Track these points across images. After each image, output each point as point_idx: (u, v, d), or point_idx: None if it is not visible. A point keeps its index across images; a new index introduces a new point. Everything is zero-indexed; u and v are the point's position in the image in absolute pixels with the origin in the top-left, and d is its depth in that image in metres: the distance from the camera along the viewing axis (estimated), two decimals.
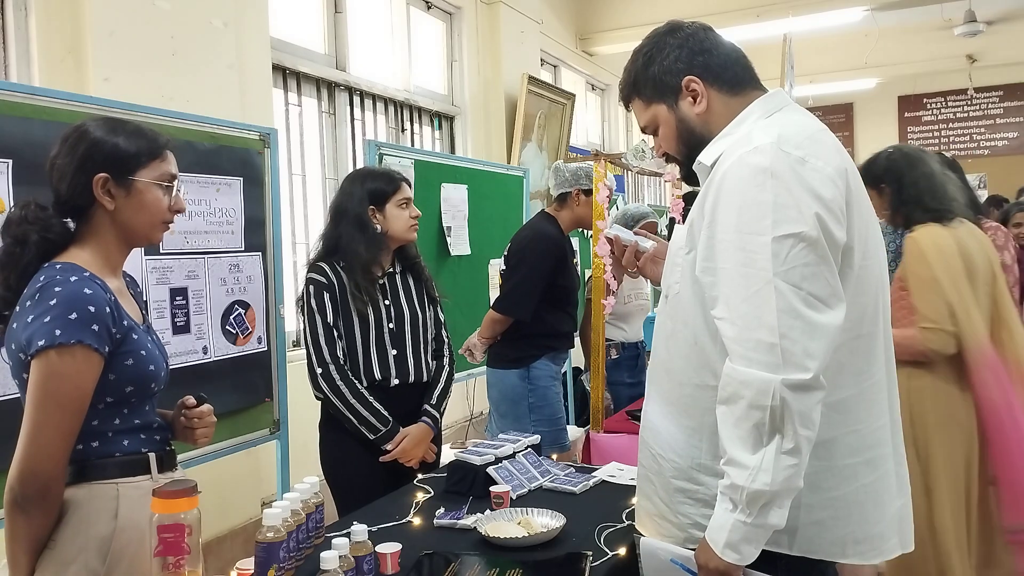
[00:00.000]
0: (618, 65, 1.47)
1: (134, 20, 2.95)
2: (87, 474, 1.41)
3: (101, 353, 1.38)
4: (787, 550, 1.31)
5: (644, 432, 1.50)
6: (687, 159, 1.47)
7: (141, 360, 1.46)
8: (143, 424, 1.50)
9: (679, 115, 1.44)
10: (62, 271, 1.40)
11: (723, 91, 1.42)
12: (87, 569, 1.37)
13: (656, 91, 1.45)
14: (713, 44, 1.43)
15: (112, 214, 1.47)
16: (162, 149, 1.52)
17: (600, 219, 3.06)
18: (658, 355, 1.48)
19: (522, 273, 3.02)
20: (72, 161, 1.45)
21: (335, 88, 4.36)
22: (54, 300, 1.35)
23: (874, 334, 1.36)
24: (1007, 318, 2.41)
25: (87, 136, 1.46)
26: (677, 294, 1.41)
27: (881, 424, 1.37)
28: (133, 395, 1.46)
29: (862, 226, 1.32)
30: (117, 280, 1.52)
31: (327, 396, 2.28)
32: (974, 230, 2.45)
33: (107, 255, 1.49)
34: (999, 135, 10.68)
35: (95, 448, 1.43)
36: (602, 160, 3.01)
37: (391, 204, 2.35)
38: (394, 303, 2.37)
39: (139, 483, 1.44)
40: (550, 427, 3.04)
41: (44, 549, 1.38)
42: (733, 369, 1.24)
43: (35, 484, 1.33)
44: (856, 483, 1.33)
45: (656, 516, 1.45)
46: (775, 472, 1.18)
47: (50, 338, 1.33)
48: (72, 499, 1.40)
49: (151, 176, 1.49)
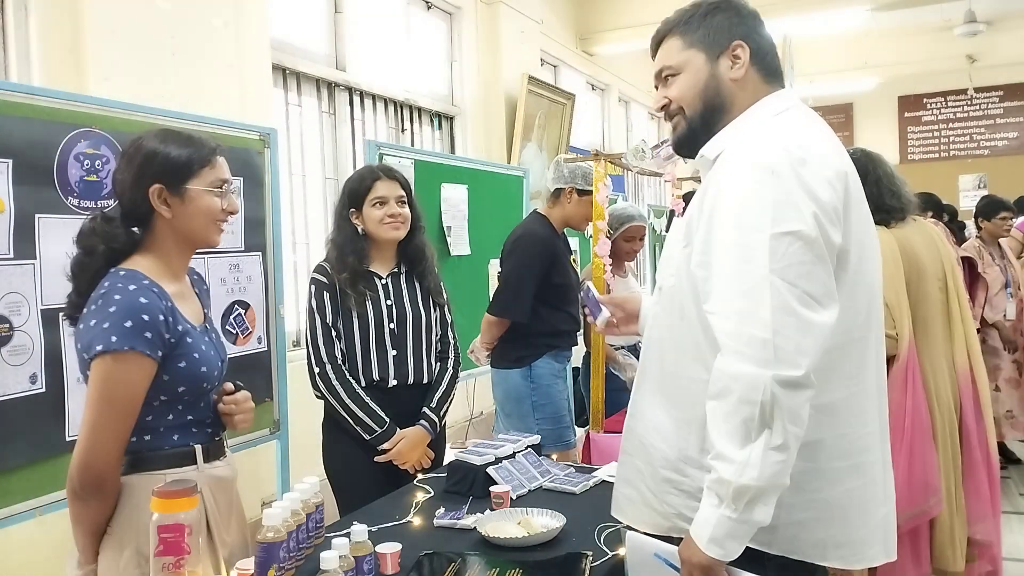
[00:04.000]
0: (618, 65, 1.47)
1: (134, 20, 2.95)
2: (139, 465, 1.52)
3: (154, 358, 1.47)
4: (767, 548, 1.31)
5: (631, 420, 1.50)
6: (697, 117, 1.44)
7: (194, 363, 1.54)
8: (195, 420, 1.59)
9: (714, 71, 1.43)
10: (124, 279, 1.49)
11: (760, 73, 1.43)
12: (139, 553, 1.46)
13: (704, 39, 1.43)
14: (765, 32, 1.46)
15: (170, 222, 1.56)
16: (212, 155, 1.59)
17: (600, 219, 3.07)
18: (651, 346, 1.49)
19: (512, 274, 3.02)
20: (130, 174, 1.54)
21: (335, 88, 4.36)
22: (113, 307, 1.45)
23: (866, 339, 1.36)
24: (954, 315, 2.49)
25: (141, 149, 1.55)
26: (672, 287, 1.41)
27: (870, 431, 1.37)
28: (186, 394, 1.55)
29: (859, 230, 1.32)
30: (178, 283, 1.61)
31: (324, 395, 2.28)
32: (925, 227, 2.51)
33: (168, 260, 1.58)
34: (999, 135, 10.69)
35: (148, 442, 1.53)
36: (602, 160, 3.01)
37: (367, 204, 2.33)
38: (396, 304, 2.36)
39: (186, 473, 1.53)
40: (554, 425, 3.05)
41: (103, 534, 1.50)
42: (725, 363, 1.24)
43: (90, 476, 1.44)
44: (841, 487, 1.33)
45: (640, 504, 1.45)
46: (762, 468, 1.18)
47: (107, 344, 1.43)
48: (127, 488, 1.50)
49: (203, 183, 1.57)
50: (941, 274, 2.48)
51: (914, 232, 2.48)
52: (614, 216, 3.50)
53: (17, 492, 2.01)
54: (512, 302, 3.00)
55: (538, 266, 3.00)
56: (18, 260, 2.00)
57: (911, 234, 2.47)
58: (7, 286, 1.98)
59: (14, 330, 2.00)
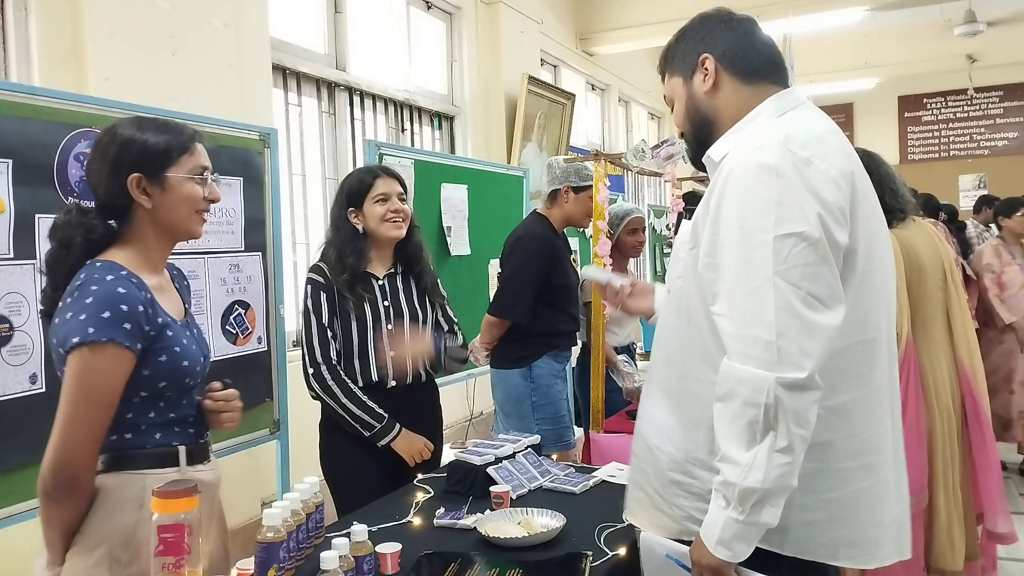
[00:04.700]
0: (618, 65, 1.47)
1: (134, 20, 2.95)
2: (118, 464, 1.46)
3: (133, 350, 1.41)
4: (778, 549, 1.31)
5: (641, 423, 1.50)
6: (693, 139, 1.50)
7: (175, 357, 1.49)
8: (178, 418, 1.54)
9: (690, 91, 1.47)
10: (100, 270, 1.44)
11: (736, 77, 1.43)
12: (111, 556, 1.42)
13: (679, 64, 1.49)
14: (744, 32, 1.45)
15: (150, 212, 1.50)
16: (191, 142, 1.54)
17: (600, 219, 3.06)
18: (659, 348, 1.49)
19: (512, 275, 3.03)
20: (105, 165, 1.48)
21: (335, 88, 4.36)
22: (90, 298, 1.39)
23: (877, 339, 1.36)
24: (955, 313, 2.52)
25: (116, 137, 1.49)
26: (679, 288, 1.42)
27: (882, 430, 1.36)
28: (168, 390, 1.50)
29: (867, 230, 1.32)
30: (158, 276, 1.56)
31: (320, 396, 2.28)
32: (924, 227, 2.54)
33: (148, 253, 1.53)
34: (999, 135, 10.68)
35: (128, 440, 1.47)
36: (602, 160, 3.01)
37: (368, 201, 2.32)
38: (394, 304, 2.36)
39: (167, 475, 1.48)
40: (554, 425, 3.05)
41: (75, 534, 1.43)
42: (730, 366, 1.24)
43: (64, 475, 1.38)
44: (851, 487, 1.33)
45: (650, 507, 1.45)
46: (767, 470, 1.19)
47: (84, 335, 1.37)
48: (103, 487, 1.44)
49: (183, 170, 1.52)
50: (941, 274, 2.50)
51: (915, 232, 2.50)
52: (613, 214, 3.51)
53: (17, 492, 2.01)
54: (512, 303, 3.00)
55: (538, 267, 3.00)
56: (18, 260, 2.00)
57: (912, 234, 2.48)
58: (7, 286, 1.98)
59: (14, 330, 2.00)
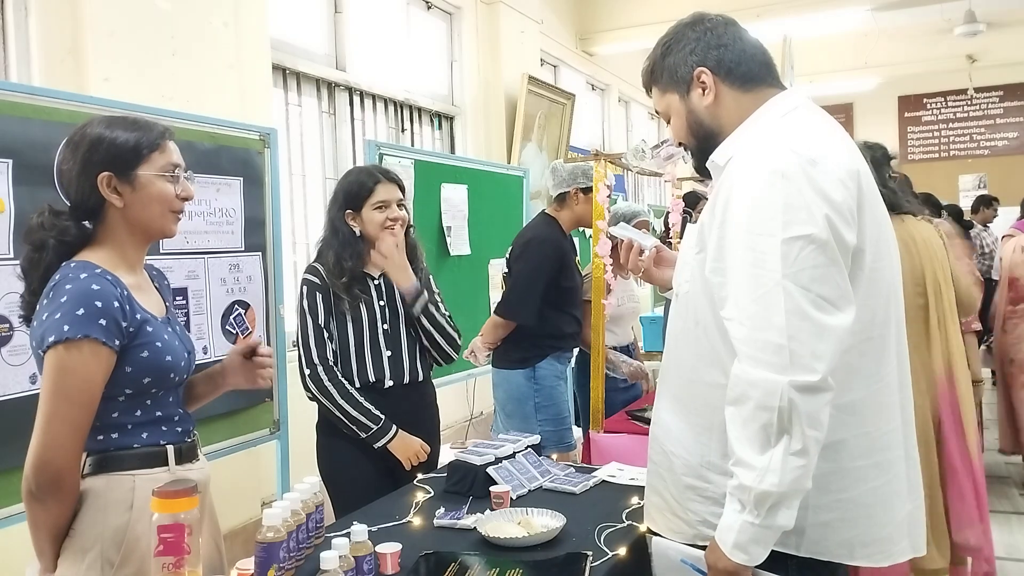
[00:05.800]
0: (618, 65, 1.47)
1: (134, 20, 2.95)
2: (106, 465, 1.45)
3: (110, 346, 1.40)
4: (794, 551, 1.31)
5: (655, 428, 1.50)
6: (697, 150, 1.49)
7: (157, 352, 1.48)
8: (164, 416, 1.53)
9: (689, 106, 1.46)
10: (75, 269, 1.43)
11: (734, 86, 1.42)
12: (103, 558, 1.41)
13: (670, 81, 1.47)
14: (732, 39, 1.44)
15: (122, 212, 1.49)
16: (161, 139, 1.52)
17: (600, 219, 3.06)
18: (669, 353, 1.49)
19: (522, 277, 3.02)
20: (75, 164, 1.46)
21: (335, 88, 4.36)
22: (64, 297, 1.38)
23: (885, 336, 1.36)
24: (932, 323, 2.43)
25: (86, 136, 1.47)
26: (687, 293, 1.41)
27: (892, 427, 1.36)
28: (152, 386, 1.49)
29: (874, 228, 1.32)
30: (135, 276, 1.54)
31: (316, 397, 2.27)
32: (911, 229, 2.45)
33: (123, 253, 1.51)
34: (999, 135, 10.69)
35: (115, 440, 1.47)
36: (602, 160, 3.01)
37: (367, 207, 2.30)
38: (389, 304, 2.36)
39: (156, 475, 1.47)
40: (556, 426, 3.06)
41: (65, 537, 1.42)
42: (741, 370, 1.24)
43: (47, 474, 1.37)
44: (865, 485, 1.33)
45: (666, 511, 1.45)
46: (783, 473, 1.19)
47: (59, 334, 1.36)
48: (91, 489, 1.43)
49: (154, 168, 1.49)
50: (920, 279, 2.40)
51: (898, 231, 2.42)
52: (619, 213, 3.50)
53: (17, 492, 1.98)
54: (520, 305, 3.00)
55: (547, 270, 3.01)
56: (18, 260, 2.00)
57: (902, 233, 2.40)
58: (7, 286, 1.97)
59: (14, 330, 2.00)
